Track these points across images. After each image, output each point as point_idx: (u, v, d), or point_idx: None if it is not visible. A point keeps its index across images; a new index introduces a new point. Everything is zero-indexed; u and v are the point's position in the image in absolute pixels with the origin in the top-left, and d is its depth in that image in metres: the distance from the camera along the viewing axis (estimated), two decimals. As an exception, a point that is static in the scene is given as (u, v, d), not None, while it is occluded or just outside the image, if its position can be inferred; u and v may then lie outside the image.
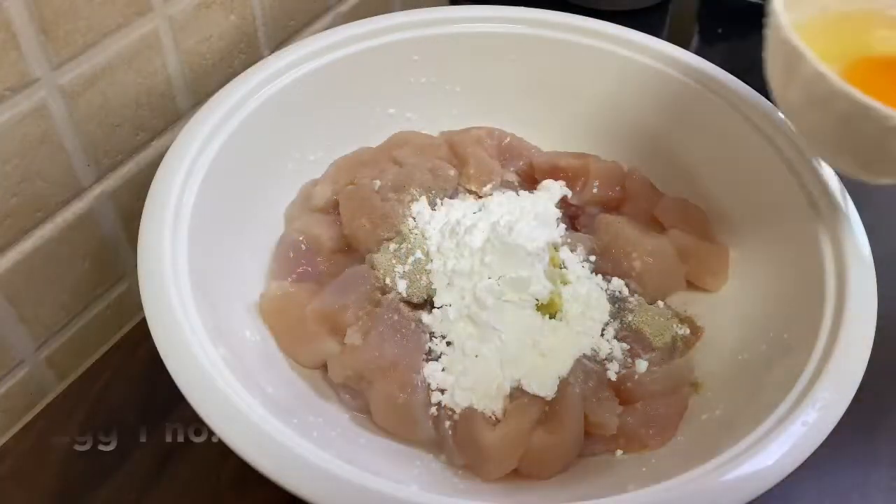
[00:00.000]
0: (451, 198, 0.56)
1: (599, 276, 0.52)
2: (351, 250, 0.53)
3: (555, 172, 0.58)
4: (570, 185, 0.57)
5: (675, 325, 0.50)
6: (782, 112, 0.49)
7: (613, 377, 0.47)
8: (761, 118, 0.53)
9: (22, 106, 0.42)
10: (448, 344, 0.47)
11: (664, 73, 0.57)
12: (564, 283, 0.50)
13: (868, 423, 0.51)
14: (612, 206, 0.57)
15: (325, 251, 0.53)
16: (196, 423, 0.36)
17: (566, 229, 0.55)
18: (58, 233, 0.47)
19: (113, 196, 0.50)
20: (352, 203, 0.53)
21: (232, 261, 0.49)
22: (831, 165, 0.47)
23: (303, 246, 0.52)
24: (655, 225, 0.55)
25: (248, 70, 0.52)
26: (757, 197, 0.53)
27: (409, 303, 0.48)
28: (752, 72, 0.70)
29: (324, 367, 0.47)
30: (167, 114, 0.52)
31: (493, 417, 0.45)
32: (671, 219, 0.55)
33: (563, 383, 0.45)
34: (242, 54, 0.56)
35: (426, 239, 0.51)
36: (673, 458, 0.43)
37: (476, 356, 0.46)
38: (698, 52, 0.58)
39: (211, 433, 0.36)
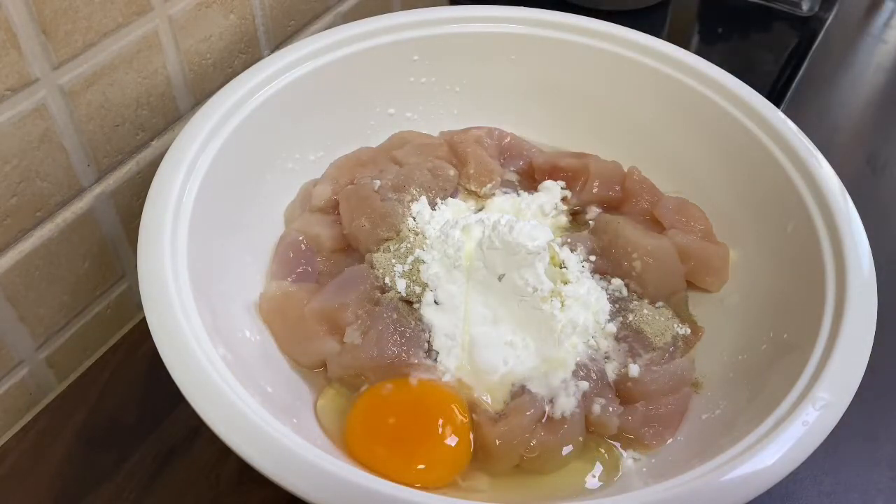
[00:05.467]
0: (451, 197, 0.56)
1: (599, 275, 0.52)
2: (350, 250, 0.53)
3: (555, 172, 0.58)
4: (570, 185, 0.58)
5: (675, 325, 0.50)
6: None
7: (614, 377, 0.47)
8: (761, 118, 0.53)
9: (22, 106, 0.42)
10: (449, 341, 0.47)
11: (664, 73, 0.57)
12: (565, 282, 0.50)
13: (868, 422, 0.51)
14: (612, 206, 0.57)
15: (324, 251, 0.53)
16: (196, 422, 0.36)
17: (569, 222, 0.55)
18: (58, 233, 0.47)
19: (113, 196, 0.50)
20: (351, 203, 0.53)
21: (232, 261, 0.49)
22: None
23: (303, 246, 0.52)
24: (655, 225, 0.55)
25: (248, 70, 0.52)
26: (757, 197, 0.53)
27: (408, 302, 0.48)
28: (752, 72, 0.70)
29: (324, 367, 0.47)
30: (167, 114, 0.52)
31: (496, 416, 0.45)
32: (671, 219, 0.55)
33: (564, 383, 0.45)
34: (242, 54, 0.56)
35: (426, 238, 0.51)
36: (673, 458, 0.44)
37: (477, 355, 0.46)
38: (698, 52, 0.58)
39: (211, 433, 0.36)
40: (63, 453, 0.48)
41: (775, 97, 0.73)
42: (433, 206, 0.54)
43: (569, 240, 0.53)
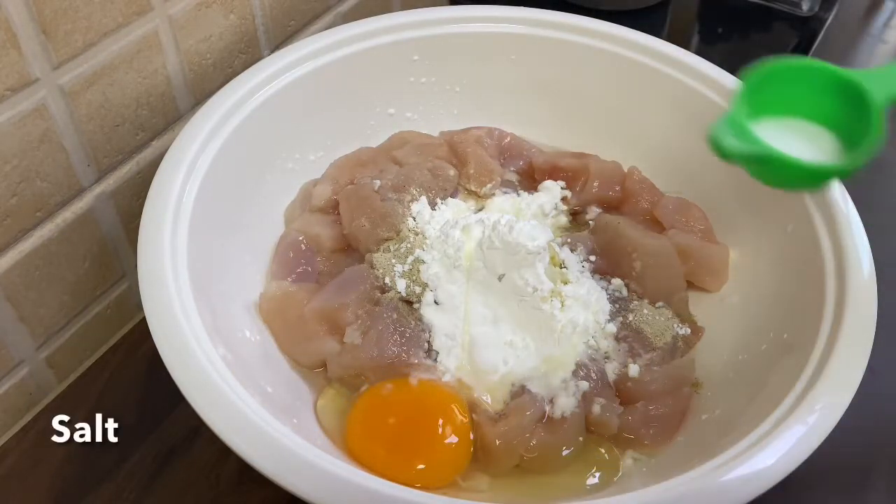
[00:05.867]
0: (451, 197, 0.56)
1: (599, 275, 0.52)
2: (350, 250, 0.53)
3: (555, 172, 0.58)
4: (569, 185, 0.58)
5: (675, 325, 0.50)
6: None
7: (614, 377, 0.47)
8: (761, 118, 0.53)
9: (22, 106, 0.42)
10: (449, 341, 0.47)
11: (664, 73, 0.57)
12: (565, 282, 0.50)
13: (868, 423, 0.51)
14: (612, 206, 0.57)
15: (324, 251, 0.53)
16: (196, 422, 0.36)
17: (569, 222, 0.55)
18: (58, 233, 0.47)
19: (113, 196, 0.50)
20: (351, 203, 0.53)
21: (232, 261, 0.49)
22: None
23: (303, 246, 0.52)
24: (655, 225, 0.55)
25: (248, 70, 0.52)
26: (757, 197, 0.53)
27: (408, 302, 0.48)
28: (752, 72, 0.70)
29: (324, 367, 0.47)
30: (167, 114, 0.52)
31: (496, 416, 0.45)
32: (671, 219, 0.55)
33: (564, 383, 0.45)
34: (242, 54, 0.56)
35: (426, 239, 0.51)
36: (673, 458, 0.44)
37: (477, 355, 0.46)
38: (698, 52, 0.58)
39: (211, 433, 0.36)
40: (63, 453, 0.48)
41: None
42: (433, 206, 0.54)
43: (569, 240, 0.53)
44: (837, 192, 0.48)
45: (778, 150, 0.33)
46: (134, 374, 0.52)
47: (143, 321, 0.40)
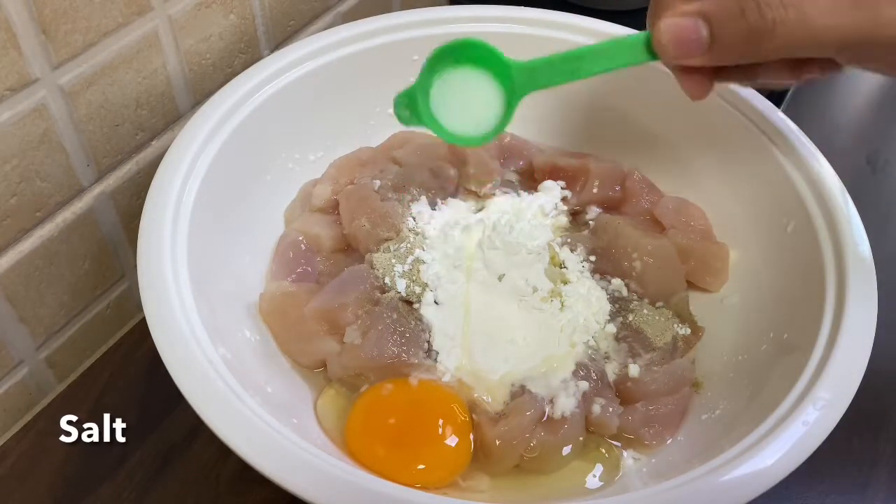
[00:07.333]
0: (451, 197, 0.56)
1: (599, 275, 0.52)
2: (350, 250, 0.53)
3: (555, 172, 0.58)
4: (569, 186, 0.57)
5: (675, 325, 0.50)
6: None
7: (614, 377, 0.47)
8: (761, 118, 0.53)
9: (22, 106, 0.42)
10: (449, 341, 0.47)
11: (664, 72, 0.57)
12: (565, 282, 0.50)
13: (868, 422, 0.51)
14: (612, 206, 0.57)
15: (324, 251, 0.53)
16: (196, 422, 0.36)
17: (569, 222, 0.55)
18: (58, 233, 0.47)
19: (113, 196, 0.50)
20: (351, 203, 0.53)
21: (232, 261, 0.49)
22: None
23: (302, 246, 0.52)
24: (655, 225, 0.55)
25: (248, 70, 0.52)
26: (757, 197, 0.53)
27: (408, 302, 0.48)
28: (751, 72, 0.70)
29: (324, 367, 0.47)
30: (167, 114, 0.52)
31: (496, 416, 0.45)
32: (671, 219, 0.55)
33: (564, 383, 0.45)
34: (242, 54, 0.56)
35: (426, 238, 0.51)
36: (673, 458, 0.44)
37: (477, 355, 0.46)
38: (698, 52, 0.57)
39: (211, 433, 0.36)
40: (63, 454, 0.48)
41: (775, 97, 0.73)
42: (433, 206, 0.54)
43: (569, 240, 0.53)
44: (837, 191, 0.48)
45: (435, 121, 0.41)
46: (134, 374, 0.52)
47: (143, 321, 0.39)
